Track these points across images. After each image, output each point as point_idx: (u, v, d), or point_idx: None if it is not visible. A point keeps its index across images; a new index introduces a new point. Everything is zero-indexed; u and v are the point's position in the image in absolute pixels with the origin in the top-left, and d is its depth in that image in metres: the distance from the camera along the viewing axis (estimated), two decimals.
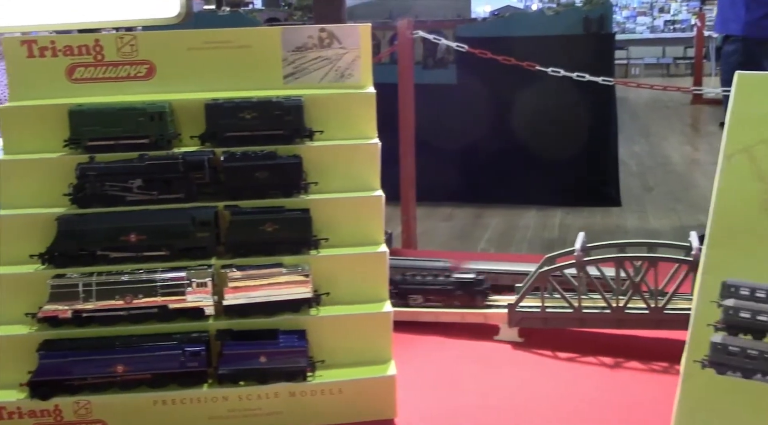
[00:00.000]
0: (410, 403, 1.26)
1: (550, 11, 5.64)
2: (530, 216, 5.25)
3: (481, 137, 5.77)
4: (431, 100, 5.56)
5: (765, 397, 1.01)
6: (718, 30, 5.04)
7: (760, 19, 4.61)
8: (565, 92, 4.93)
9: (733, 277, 1.06)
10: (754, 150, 1.09)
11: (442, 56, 5.69)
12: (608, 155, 5.43)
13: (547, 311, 1.44)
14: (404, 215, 4.17)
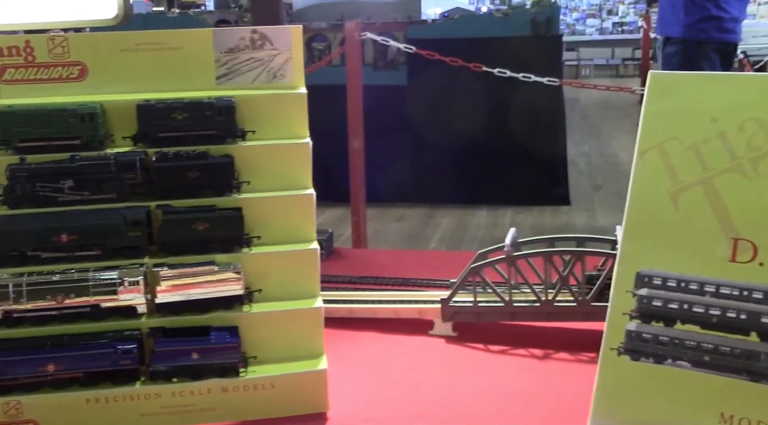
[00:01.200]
0: (343, 396, 1.28)
1: (499, 13, 5.72)
2: (481, 215, 5.32)
3: (432, 138, 5.83)
4: (382, 101, 5.59)
5: (674, 380, 1.06)
6: (659, 32, 5.16)
7: (698, 22, 4.74)
8: (514, 93, 5.01)
9: (646, 268, 1.11)
10: (665, 146, 1.14)
11: (392, 58, 5.72)
12: (557, 154, 5.54)
13: (479, 305, 1.48)
14: (354, 216, 4.19)
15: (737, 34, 4.90)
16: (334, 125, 4.38)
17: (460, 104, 5.70)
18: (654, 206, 1.13)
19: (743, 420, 1.02)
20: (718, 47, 4.82)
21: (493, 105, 5.53)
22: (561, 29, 11.82)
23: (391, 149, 5.85)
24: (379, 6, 5.86)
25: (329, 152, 4.39)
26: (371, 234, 5.21)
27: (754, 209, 1.07)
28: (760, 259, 1.05)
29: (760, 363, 1.02)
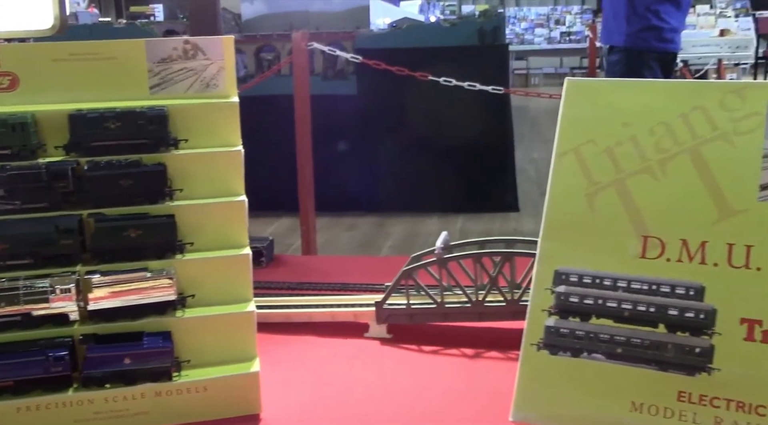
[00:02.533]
0: (277, 398, 1.31)
1: (447, 23, 5.80)
2: (432, 223, 5.37)
3: (382, 147, 5.87)
4: (332, 111, 5.62)
5: (590, 372, 1.11)
6: (603, 41, 5.29)
7: (639, 31, 4.87)
8: (463, 102, 5.08)
9: (564, 266, 1.16)
10: (581, 149, 1.20)
11: (341, 67, 5.75)
12: (506, 161, 5.62)
13: (412, 307, 1.52)
14: (303, 225, 4.21)
15: (677, 43, 5.04)
16: (284, 135, 4.40)
17: (410, 113, 5.76)
18: (571, 207, 1.18)
19: (652, 407, 1.07)
20: (659, 56, 4.96)
21: (442, 114, 5.59)
22: (510, 39, 12.02)
23: (341, 158, 5.88)
24: (328, 16, 5.89)
25: (281, 162, 4.41)
26: (322, 244, 5.23)
27: (661, 208, 1.13)
28: (667, 255, 1.11)
29: (667, 353, 1.08)
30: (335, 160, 5.82)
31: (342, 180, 5.85)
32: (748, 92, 1.13)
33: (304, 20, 5.96)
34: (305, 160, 4.23)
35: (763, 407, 1.02)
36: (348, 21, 5.99)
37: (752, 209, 1.08)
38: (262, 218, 5.91)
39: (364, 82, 5.72)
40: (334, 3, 6.10)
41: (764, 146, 1.10)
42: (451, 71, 4.55)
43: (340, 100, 5.74)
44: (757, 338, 1.04)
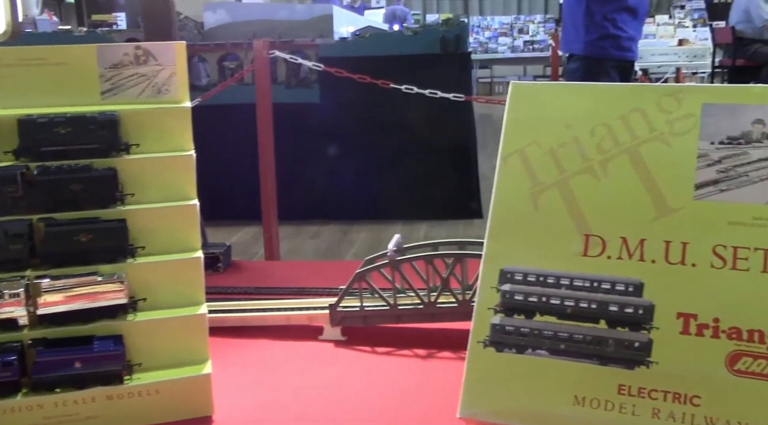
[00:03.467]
0: (230, 401, 1.31)
1: (409, 31, 5.84)
2: (396, 230, 5.39)
3: (346, 155, 5.90)
4: (295, 119, 5.63)
5: (534, 368, 1.14)
6: (563, 49, 5.38)
7: (597, 40, 4.96)
8: (427, 109, 5.13)
9: (509, 264, 1.19)
10: (526, 151, 1.23)
11: (305, 76, 5.77)
12: (470, 169, 5.68)
13: (366, 309, 1.53)
14: (266, 233, 4.21)
15: (634, 52, 5.15)
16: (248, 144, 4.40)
17: (374, 121, 5.79)
18: (516, 207, 1.21)
19: (593, 400, 1.09)
20: (617, 64, 5.05)
21: (406, 121, 5.63)
22: (474, 48, 12.15)
23: (305, 166, 5.89)
24: (291, 24, 5.91)
25: (245, 171, 4.41)
26: (286, 252, 5.24)
27: (603, 208, 1.16)
28: (608, 253, 1.14)
29: (608, 348, 1.11)
30: (299, 168, 5.83)
31: (306, 188, 5.86)
32: (684, 95, 1.17)
33: (268, 29, 5.97)
34: (267, 168, 4.24)
35: (698, 397, 1.05)
36: (311, 30, 6.01)
37: (688, 207, 1.12)
38: (226, 227, 5.90)
39: (328, 90, 5.74)
40: (297, 12, 6.13)
41: (699, 147, 1.14)
42: (414, 79, 4.59)
43: (303, 109, 5.76)
44: (692, 331, 1.07)
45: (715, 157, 1.13)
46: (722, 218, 1.10)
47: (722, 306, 1.07)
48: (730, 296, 1.07)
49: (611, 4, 4.76)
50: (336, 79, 4.62)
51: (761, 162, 1.11)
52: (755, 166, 1.11)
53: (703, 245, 1.10)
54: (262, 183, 4.22)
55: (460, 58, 5.61)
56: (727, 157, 1.13)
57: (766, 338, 1.04)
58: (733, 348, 1.05)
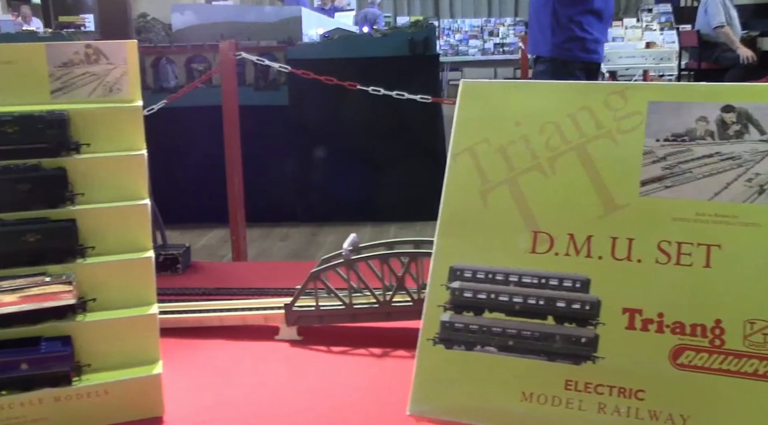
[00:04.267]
0: (182, 401, 1.31)
1: (378, 33, 5.86)
2: (365, 232, 5.40)
3: (315, 157, 5.89)
4: (264, 121, 5.62)
5: (483, 365, 1.14)
6: (530, 52, 5.42)
7: (564, 42, 5.00)
8: (395, 111, 5.14)
9: (459, 262, 1.19)
10: (476, 149, 1.23)
11: (274, 78, 5.75)
12: (439, 170, 5.69)
13: (321, 309, 1.53)
14: (234, 235, 4.19)
15: (600, 54, 5.20)
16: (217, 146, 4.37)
17: (343, 123, 5.79)
18: (465, 205, 1.21)
19: (541, 396, 1.10)
20: (584, 66, 5.10)
21: (375, 123, 5.64)
22: (445, 50, 12.20)
23: (275, 168, 5.87)
24: (260, 26, 5.90)
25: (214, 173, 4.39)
26: (255, 254, 5.22)
27: (550, 204, 1.17)
28: (556, 249, 1.15)
29: (555, 344, 1.11)
30: (268, 170, 5.81)
31: (275, 191, 5.85)
32: (630, 93, 1.19)
33: (236, 31, 5.95)
34: (234, 170, 4.23)
35: (642, 391, 1.06)
36: (280, 32, 6.00)
37: (634, 204, 1.13)
38: (194, 230, 5.86)
39: (296, 92, 5.74)
40: (265, 14, 6.12)
41: (644, 144, 1.16)
42: (382, 81, 4.59)
43: (272, 111, 5.74)
44: (637, 326, 1.08)
45: (660, 154, 1.15)
46: (667, 215, 1.12)
47: (666, 301, 1.08)
48: (674, 291, 1.08)
49: (577, 7, 4.81)
50: (305, 81, 4.61)
51: (704, 159, 1.13)
52: (699, 163, 1.13)
53: (648, 241, 1.11)
54: (229, 185, 4.21)
55: (428, 61, 5.63)
56: (671, 154, 1.14)
57: (708, 332, 1.06)
58: (677, 342, 1.06)
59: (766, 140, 1.11)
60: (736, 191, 1.10)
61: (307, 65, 4.94)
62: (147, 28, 5.81)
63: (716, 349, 1.05)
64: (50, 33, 5.85)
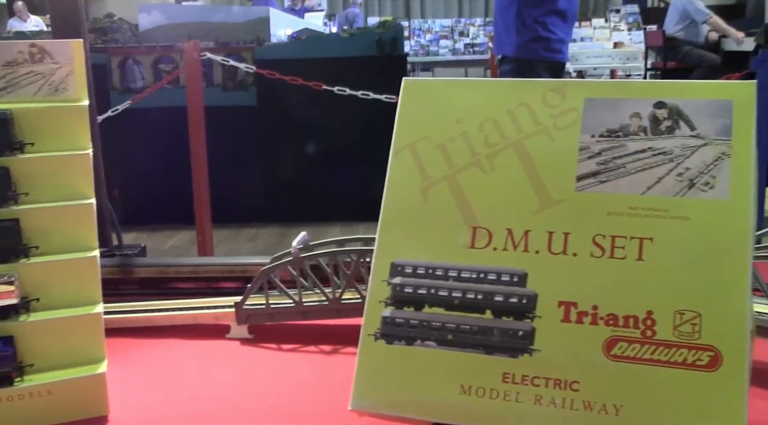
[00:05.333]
0: (127, 400, 1.31)
1: (346, 34, 5.85)
2: (334, 232, 5.39)
3: (283, 158, 5.87)
4: (232, 122, 5.59)
5: (423, 359, 1.15)
6: (496, 51, 5.45)
7: (528, 42, 5.04)
8: (363, 111, 5.14)
9: (400, 258, 1.20)
10: (417, 146, 1.24)
11: (242, 79, 5.73)
12: None
13: (271, 307, 1.54)
14: (200, 237, 4.17)
15: (564, 54, 5.24)
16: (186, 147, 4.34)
17: (311, 123, 5.78)
18: (406, 201, 1.22)
19: (479, 389, 1.11)
20: (548, 66, 5.14)
21: (343, 123, 5.63)
22: (416, 50, 12.19)
23: (242, 169, 5.85)
24: (228, 27, 5.87)
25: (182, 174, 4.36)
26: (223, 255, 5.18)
27: (489, 200, 1.19)
28: (494, 244, 1.16)
29: (493, 338, 1.13)
30: (236, 171, 5.79)
31: (243, 191, 5.82)
32: (568, 90, 1.20)
33: (204, 31, 5.92)
34: (200, 170, 4.21)
35: (577, 383, 1.08)
36: (249, 32, 5.98)
37: (570, 198, 1.15)
38: (163, 231, 5.82)
39: (265, 93, 5.72)
40: (233, 14, 6.09)
41: (580, 140, 1.17)
42: (350, 81, 4.59)
43: (240, 112, 5.72)
44: (572, 319, 1.10)
45: (595, 149, 1.17)
46: (602, 209, 1.13)
47: (601, 294, 1.10)
48: (608, 284, 1.10)
49: (542, 7, 4.84)
50: (273, 81, 4.61)
51: (638, 154, 1.15)
52: (632, 158, 1.15)
53: (583, 235, 1.13)
54: (195, 186, 4.19)
55: (396, 61, 5.64)
56: (606, 149, 1.16)
57: (640, 323, 1.07)
58: (610, 333, 1.08)
59: (696, 136, 1.14)
60: (667, 185, 1.12)
61: (275, 66, 4.93)
62: (113, 29, 5.76)
63: (648, 340, 1.07)
64: (14, 33, 5.78)
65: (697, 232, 1.09)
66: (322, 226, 5.66)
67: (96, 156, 1.91)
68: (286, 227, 5.58)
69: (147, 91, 4.30)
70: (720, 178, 1.11)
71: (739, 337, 1.04)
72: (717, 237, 1.08)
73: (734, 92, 1.14)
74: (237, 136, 5.79)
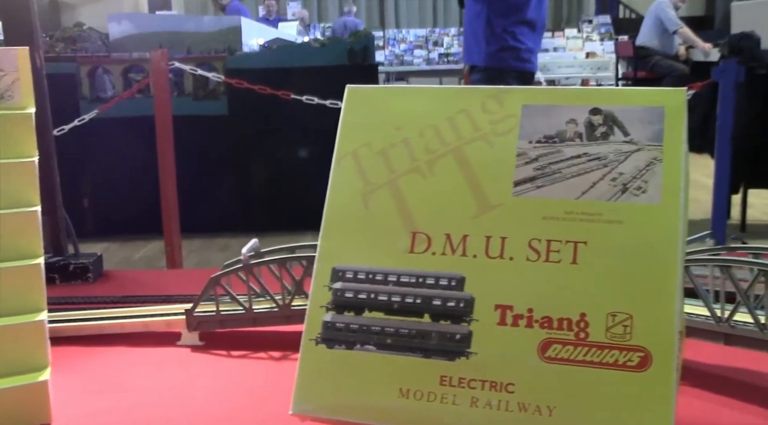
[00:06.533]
0: (71, 409, 1.30)
1: (317, 43, 5.88)
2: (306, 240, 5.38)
3: (255, 166, 5.87)
4: (203, 131, 5.59)
5: (363, 363, 1.16)
6: (465, 61, 5.50)
7: (498, 51, 5.09)
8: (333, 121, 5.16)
9: (341, 263, 1.21)
10: (359, 152, 1.26)
11: (213, 88, 5.74)
12: None
13: (222, 313, 1.54)
14: (168, 246, 4.17)
15: (533, 63, 5.30)
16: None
17: (283, 132, 5.79)
18: (348, 208, 1.24)
19: (417, 392, 1.13)
20: (518, 75, 5.19)
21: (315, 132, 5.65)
22: (390, 60, 12.27)
23: (215, 178, 5.84)
24: (199, 36, 5.88)
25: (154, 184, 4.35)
26: (195, 265, 5.18)
27: (429, 206, 1.20)
28: (433, 249, 1.18)
29: (431, 341, 1.14)
30: (208, 180, 5.78)
31: (215, 201, 5.82)
32: (506, 97, 1.23)
33: (175, 41, 5.92)
34: (168, 180, 4.21)
35: (512, 384, 1.09)
36: (220, 42, 5.99)
37: (507, 203, 1.17)
38: (134, 241, 5.81)
39: (236, 102, 5.73)
40: (205, 24, 6.10)
41: (518, 146, 1.19)
42: (321, 90, 4.62)
43: (211, 121, 5.72)
44: (508, 322, 1.12)
45: (532, 155, 1.19)
46: (538, 213, 1.15)
47: (536, 297, 1.12)
48: (544, 287, 1.12)
49: (510, 17, 4.90)
50: (244, 91, 4.62)
51: (573, 159, 1.17)
52: (568, 163, 1.17)
53: (520, 239, 1.15)
54: (163, 195, 4.19)
55: (367, 70, 5.68)
56: (543, 155, 1.18)
57: (573, 325, 1.09)
58: (545, 336, 1.10)
59: (630, 141, 1.16)
60: (601, 190, 1.15)
61: (245, 75, 4.94)
62: (83, 38, 5.75)
63: (581, 342, 1.08)
64: None
65: (629, 236, 1.12)
66: (295, 234, 5.67)
67: (50, 165, 1.91)
68: (258, 237, 5.59)
69: (114, 101, 4.29)
70: (652, 183, 1.14)
71: (668, 338, 1.06)
72: (648, 240, 1.11)
73: (665, 99, 1.17)
74: (208, 145, 5.79)
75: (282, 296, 1.54)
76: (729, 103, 3.91)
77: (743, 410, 1.23)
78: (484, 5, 4.86)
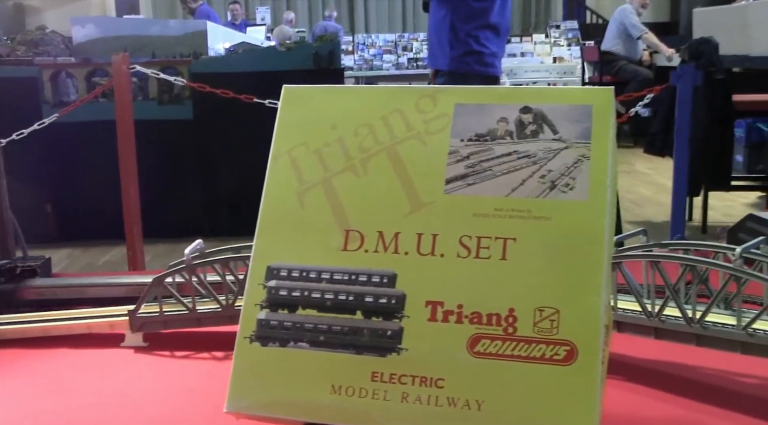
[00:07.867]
0: (14, 412, 1.29)
1: (282, 47, 5.87)
2: None
3: (221, 171, 5.85)
4: (168, 135, 5.56)
5: (296, 361, 1.17)
6: (430, 65, 5.53)
7: (462, 56, 5.12)
8: None
9: (276, 261, 1.22)
10: (294, 152, 1.27)
11: (178, 92, 5.71)
12: None
13: (165, 314, 1.54)
14: (130, 251, 4.14)
15: (497, 67, 5.34)
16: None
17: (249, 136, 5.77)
18: (283, 206, 1.24)
19: (349, 388, 1.13)
20: (482, 79, 5.23)
21: None
22: (359, 65, 12.29)
23: (180, 182, 5.81)
24: (164, 40, 5.85)
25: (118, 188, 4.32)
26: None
27: (362, 204, 1.21)
28: (366, 247, 1.19)
29: (363, 338, 1.15)
30: (173, 185, 5.75)
31: (181, 206, 5.79)
32: (439, 96, 1.24)
33: (140, 45, 5.89)
34: (130, 184, 4.19)
35: (442, 380, 1.10)
36: (186, 46, 5.97)
37: (438, 201, 1.18)
38: (98, 247, 5.76)
39: (201, 106, 5.71)
40: (170, 28, 6.08)
41: (450, 144, 1.21)
42: None
43: (176, 125, 5.70)
44: (438, 318, 1.13)
45: (464, 153, 1.20)
46: (468, 211, 1.17)
47: (466, 293, 1.13)
48: (473, 283, 1.13)
49: (474, 21, 4.93)
50: (209, 95, 4.61)
51: (503, 157, 1.19)
52: (498, 161, 1.19)
53: (451, 236, 1.16)
54: (125, 200, 4.16)
55: (332, 74, 5.68)
56: (474, 153, 1.20)
57: (502, 320, 1.11)
58: (474, 331, 1.11)
59: (558, 139, 1.18)
60: (530, 187, 1.16)
61: (210, 79, 4.93)
62: (45, 41, 5.70)
63: (509, 336, 1.10)
64: None
65: (557, 232, 1.13)
66: None
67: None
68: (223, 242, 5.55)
69: (74, 105, 4.26)
70: (579, 179, 1.16)
71: (593, 331, 1.08)
72: (575, 236, 1.13)
73: (593, 98, 1.19)
74: (173, 150, 5.76)
75: (226, 296, 1.54)
76: (686, 107, 3.97)
77: (673, 402, 1.25)
78: (448, 10, 4.89)
